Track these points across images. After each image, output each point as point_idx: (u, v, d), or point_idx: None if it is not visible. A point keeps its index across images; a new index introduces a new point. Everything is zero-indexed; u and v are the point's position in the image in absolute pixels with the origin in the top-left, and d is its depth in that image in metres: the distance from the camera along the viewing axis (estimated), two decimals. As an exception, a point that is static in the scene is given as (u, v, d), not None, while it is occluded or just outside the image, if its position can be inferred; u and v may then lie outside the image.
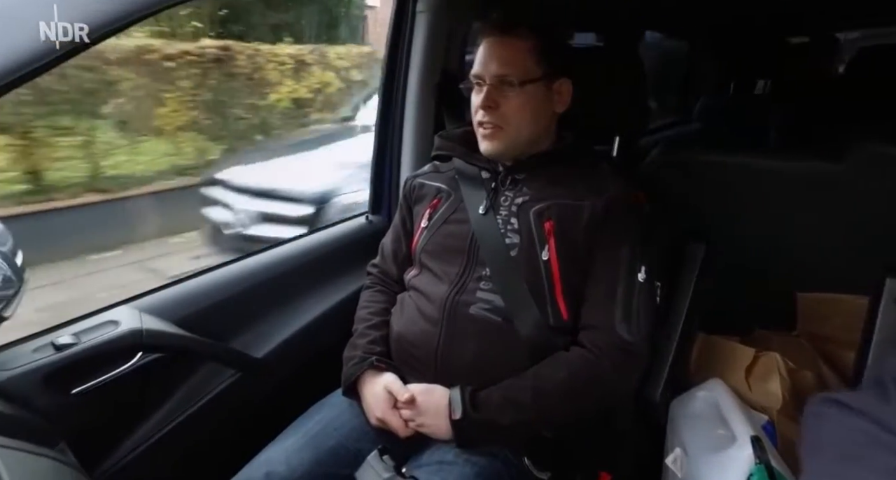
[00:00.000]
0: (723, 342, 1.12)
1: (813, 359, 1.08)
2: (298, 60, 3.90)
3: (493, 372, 0.79)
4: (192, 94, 3.33)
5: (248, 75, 3.64)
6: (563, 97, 0.88)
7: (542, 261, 0.81)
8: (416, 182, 0.98)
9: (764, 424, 0.98)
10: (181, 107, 3.26)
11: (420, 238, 0.92)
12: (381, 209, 1.31)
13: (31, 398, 0.69)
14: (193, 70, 3.26)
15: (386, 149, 1.28)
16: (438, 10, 1.17)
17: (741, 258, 1.13)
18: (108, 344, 0.76)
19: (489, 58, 0.84)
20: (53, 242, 2.48)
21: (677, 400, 1.04)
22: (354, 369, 0.85)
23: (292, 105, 3.91)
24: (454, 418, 0.75)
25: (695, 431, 0.98)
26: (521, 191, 0.87)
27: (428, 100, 1.23)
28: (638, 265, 0.80)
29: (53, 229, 2.62)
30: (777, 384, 1.00)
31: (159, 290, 0.92)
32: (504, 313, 0.81)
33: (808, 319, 1.14)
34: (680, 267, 1.10)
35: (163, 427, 0.86)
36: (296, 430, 0.83)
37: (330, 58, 4.04)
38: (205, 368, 0.93)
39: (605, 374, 0.77)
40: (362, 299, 0.97)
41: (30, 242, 1.67)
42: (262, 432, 0.84)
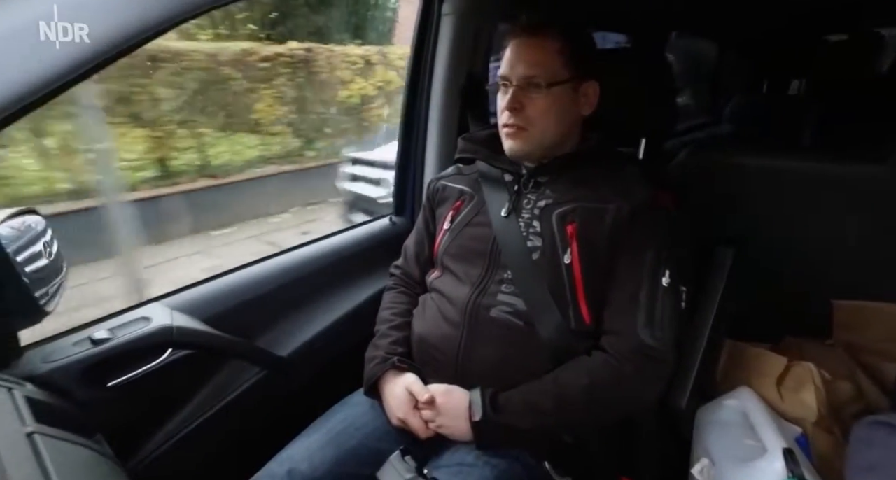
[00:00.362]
0: (752, 349, 1.09)
1: (851, 370, 1.04)
2: (366, 60, 4.31)
3: (513, 375, 0.78)
4: (282, 92, 3.78)
5: (327, 74, 4.09)
6: (589, 100, 0.87)
7: (565, 265, 0.80)
8: (439, 184, 0.99)
9: (797, 437, 0.94)
10: (274, 103, 3.71)
11: (442, 240, 0.92)
12: (405, 211, 1.32)
13: (70, 389, 0.71)
14: (284, 70, 3.67)
15: (410, 151, 1.29)
16: (464, 12, 1.17)
17: (773, 263, 1.09)
18: (140, 339, 0.79)
19: (517, 59, 0.84)
20: (180, 220, 3.02)
21: (704, 407, 1.02)
22: (376, 369, 0.86)
23: (360, 100, 4.35)
24: (474, 420, 0.75)
25: (722, 440, 0.95)
26: (543, 194, 0.86)
27: (452, 103, 1.23)
28: (662, 269, 0.79)
29: (179, 209, 3.15)
30: (812, 395, 0.96)
31: (189, 289, 0.95)
32: (525, 316, 0.80)
33: (845, 328, 1.10)
34: (708, 272, 1.08)
35: (191, 422, 0.89)
36: (318, 428, 0.84)
37: (391, 58, 4.40)
38: (231, 365, 0.95)
39: (627, 380, 0.76)
40: (385, 300, 0.98)
41: (164, 220, 1.79)
42: (285, 429, 0.85)
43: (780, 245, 1.10)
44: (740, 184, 1.13)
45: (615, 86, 0.89)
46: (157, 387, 0.83)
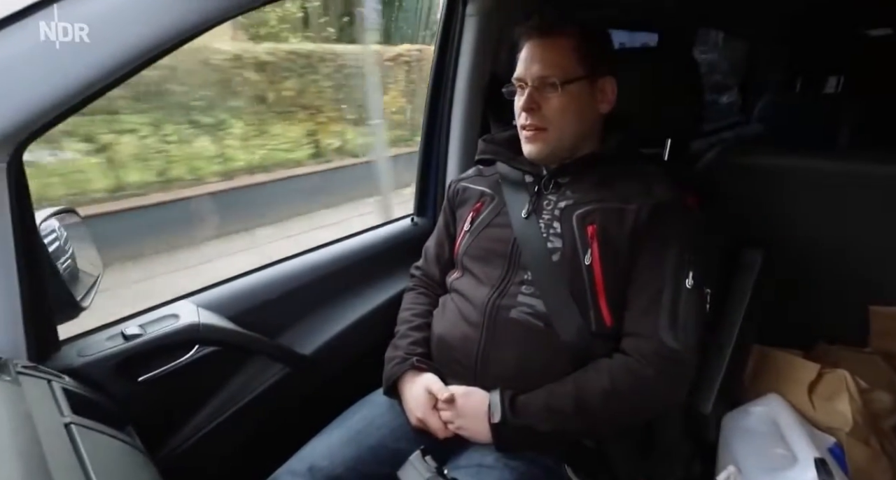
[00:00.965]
0: (783, 355, 1.06)
1: (889, 379, 1.00)
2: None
3: (533, 376, 0.78)
4: (401, 86, 4.20)
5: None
6: (607, 96, 0.86)
7: (585, 266, 0.79)
8: (459, 186, 0.99)
9: (831, 446, 0.91)
10: (397, 95, 4.14)
11: (462, 241, 0.92)
12: (427, 211, 1.33)
13: (104, 383, 0.74)
14: (403, 68, 4.09)
15: (432, 151, 1.30)
16: (488, 13, 1.17)
17: (805, 266, 1.06)
18: (169, 336, 0.81)
19: (531, 60, 0.83)
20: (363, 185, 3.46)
21: (730, 414, 0.99)
22: (396, 369, 0.86)
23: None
24: (493, 421, 0.75)
25: (750, 449, 0.92)
26: (564, 195, 0.85)
27: (475, 104, 1.23)
28: (686, 270, 0.77)
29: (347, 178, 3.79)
30: (846, 404, 0.93)
31: (216, 287, 0.98)
32: (545, 318, 0.80)
33: (882, 335, 1.05)
34: (735, 274, 1.05)
35: (216, 418, 0.91)
36: (339, 427, 0.85)
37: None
38: (255, 362, 0.97)
39: (648, 383, 0.74)
40: (405, 301, 0.99)
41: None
42: (307, 427, 0.87)
43: (813, 247, 1.07)
44: (772, 186, 1.09)
45: (639, 85, 0.88)
46: (184, 383, 0.85)
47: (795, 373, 1.01)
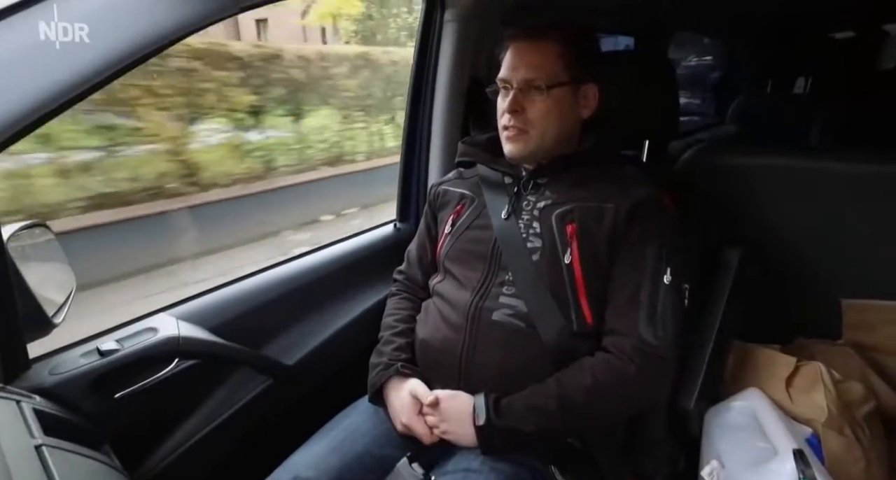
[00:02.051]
0: (761, 350, 1.08)
1: (861, 369, 1.03)
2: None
3: (517, 377, 0.78)
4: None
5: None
6: (588, 102, 0.87)
7: (565, 265, 0.80)
8: (440, 189, 0.99)
9: (808, 437, 0.93)
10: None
11: (444, 244, 0.93)
12: (409, 216, 1.32)
13: (78, 401, 0.72)
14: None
15: (414, 156, 1.30)
16: (466, 18, 1.18)
17: (781, 263, 1.09)
18: (147, 350, 0.79)
19: (517, 62, 0.84)
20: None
21: (712, 409, 1.01)
22: (380, 375, 0.86)
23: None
24: (478, 424, 0.75)
25: (732, 443, 0.94)
26: (543, 195, 0.86)
27: (456, 108, 1.24)
28: (663, 267, 0.79)
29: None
30: (822, 395, 0.95)
31: (195, 298, 0.96)
32: (527, 318, 0.80)
33: (854, 327, 1.09)
34: (715, 272, 1.07)
35: (198, 432, 0.89)
36: (323, 436, 0.84)
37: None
38: (238, 374, 0.96)
39: (630, 379, 0.75)
40: (388, 306, 0.98)
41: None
42: (292, 437, 0.86)
43: (788, 245, 1.09)
44: (746, 184, 1.12)
45: (617, 87, 0.90)
46: (163, 398, 0.84)
47: (774, 368, 1.03)
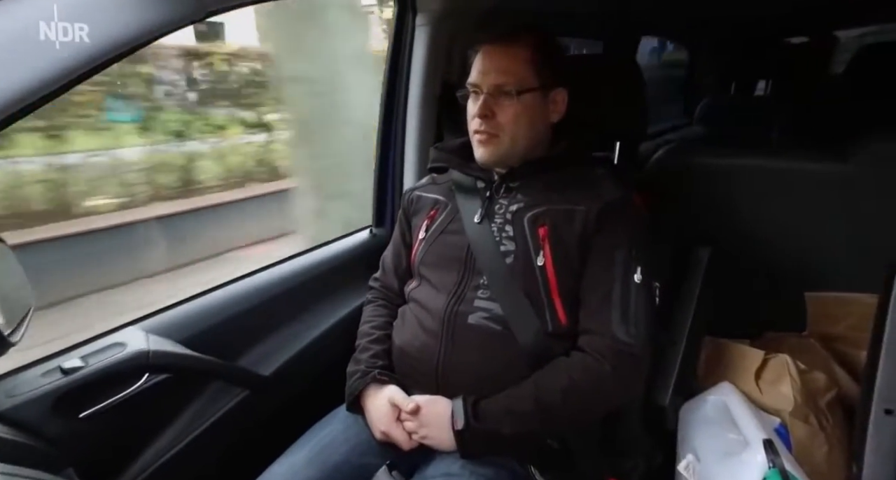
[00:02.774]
0: (732, 345, 1.11)
1: (824, 360, 1.07)
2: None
3: (494, 381, 0.79)
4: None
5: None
6: (558, 106, 0.89)
7: (538, 267, 0.81)
8: (413, 194, 0.99)
9: (776, 427, 0.97)
10: None
11: (418, 250, 0.93)
12: (385, 222, 1.32)
13: (39, 424, 0.69)
14: None
15: (388, 162, 1.29)
16: (438, 23, 1.18)
17: (749, 260, 1.12)
18: (114, 366, 0.76)
19: (487, 67, 0.85)
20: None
21: (687, 404, 1.03)
22: (357, 383, 0.85)
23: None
24: (456, 428, 0.75)
25: (706, 436, 0.97)
26: (515, 199, 0.87)
27: (429, 113, 1.24)
28: (634, 266, 0.80)
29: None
30: (788, 386, 0.99)
31: (166, 310, 0.93)
32: (503, 321, 0.81)
33: (817, 320, 1.13)
34: (685, 270, 1.10)
35: (170, 449, 0.86)
36: (301, 447, 0.83)
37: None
38: (212, 387, 0.93)
39: (605, 378, 0.76)
40: (364, 314, 0.98)
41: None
42: (269, 449, 0.84)
43: (754, 242, 1.13)
44: (713, 184, 1.16)
45: (587, 91, 0.91)
46: (133, 415, 0.81)
47: (743, 361, 1.06)
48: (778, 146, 1.80)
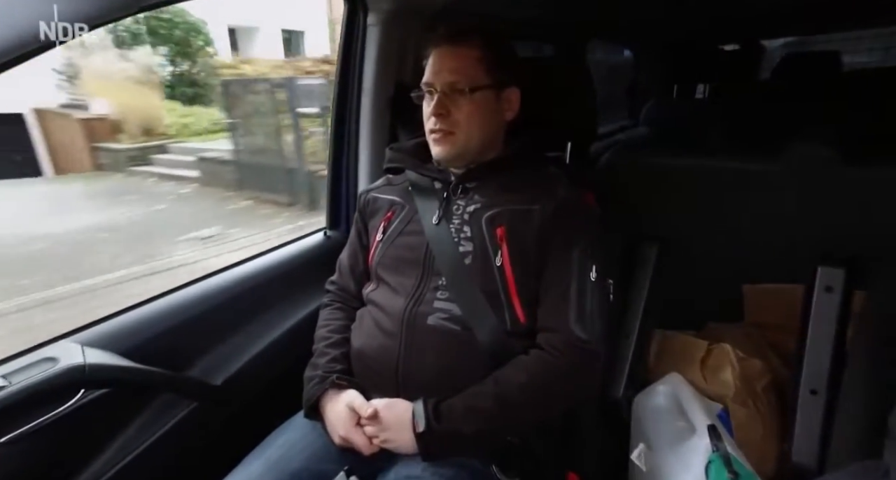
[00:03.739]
0: (679, 337, 1.17)
1: (761, 347, 1.14)
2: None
3: (455, 381, 0.79)
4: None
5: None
6: (511, 105, 0.90)
7: (496, 267, 0.82)
8: (369, 196, 0.98)
9: (719, 412, 1.02)
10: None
11: (376, 252, 0.92)
12: (339, 224, 1.29)
13: None
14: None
15: (342, 163, 1.27)
16: (389, 22, 1.17)
17: (692, 255, 1.18)
18: (44, 383, 0.70)
19: (440, 67, 0.86)
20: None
21: (639, 396, 1.08)
22: (315, 389, 0.83)
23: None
24: (418, 431, 0.75)
25: (657, 425, 1.01)
26: (472, 199, 0.88)
27: (382, 113, 1.23)
28: (589, 264, 0.82)
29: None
30: (729, 373, 1.05)
31: (105, 321, 0.87)
32: (462, 321, 0.81)
33: (753, 309, 1.20)
34: (635, 267, 1.14)
35: (110, 468, 0.81)
36: (257, 456, 0.80)
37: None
38: (158, 400, 0.89)
39: (563, 374, 0.78)
40: (321, 317, 0.96)
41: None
42: (223, 460, 0.80)
43: (697, 237, 1.19)
44: (658, 182, 1.21)
45: (539, 92, 0.93)
46: (66, 435, 0.75)
47: (690, 352, 1.12)
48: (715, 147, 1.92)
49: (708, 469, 0.87)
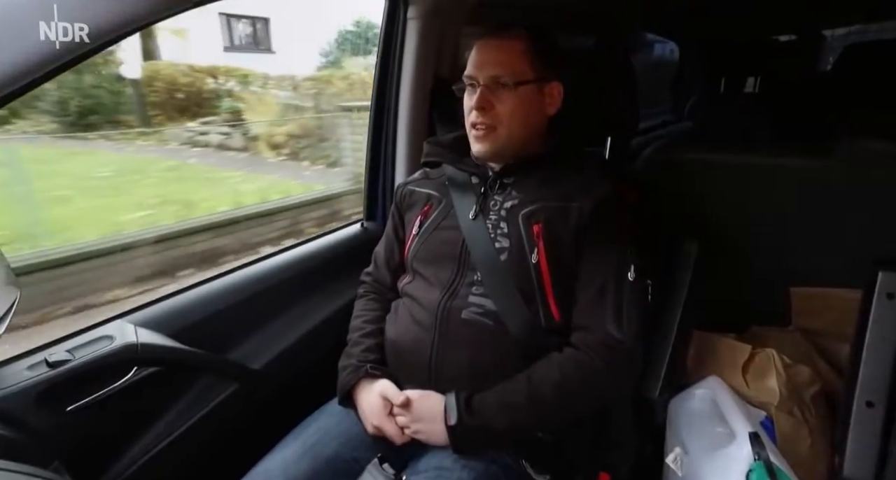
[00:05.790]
0: (719, 339, 1.13)
1: (808, 354, 1.09)
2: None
3: (486, 375, 0.79)
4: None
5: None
6: (553, 100, 0.88)
7: (532, 264, 0.81)
8: (406, 189, 0.99)
9: (762, 420, 0.99)
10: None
11: (412, 245, 0.92)
12: (376, 216, 1.31)
13: (24, 417, 0.68)
14: None
15: (380, 155, 1.29)
16: (429, 15, 1.17)
17: (735, 255, 1.14)
18: (102, 359, 0.76)
19: (484, 59, 0.85)
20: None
21: (676, 398, 1.05)
22: (349, 378, 0.85)
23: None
24: (449, 424, 0.75)
25: (694, 429, 0.98)
26: (510, 195, 0.87)
27: (421, 106, 1.23)
28: (628, 264, 0.81)
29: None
30: (774, 380, 1.01)
31: (155, 303, 0.92)
32: (496, 317, 0.81)
33: (801, 314, 1.15)
34: (674, 265, 1.11)
35: (160, 442, 0.86)
36: (293, 440, 0.83)
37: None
38: (202, 381, 0.93)
39: (597, 374, 0.77)
40: (356, 308, 0.97)
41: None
42: (260, 443, 0.84)
43: (741, 236, 1.15)
44: (703, 179, 1.17)
45: (580, 86, 0.91)
46: (121, 409, 0.80)
47: (731, 355, 1.08)
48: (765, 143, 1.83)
49: (749, 478, 0.84)
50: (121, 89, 5.51)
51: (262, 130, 6.24)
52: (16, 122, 4.49)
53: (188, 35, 6.55)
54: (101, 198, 4.09)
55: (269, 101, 6.77)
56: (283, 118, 6.45)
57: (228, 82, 6.48)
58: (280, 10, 8.22)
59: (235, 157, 5.86)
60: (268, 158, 5.94)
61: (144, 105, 5.70)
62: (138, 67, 5.73)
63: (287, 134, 6.13)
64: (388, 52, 1.22)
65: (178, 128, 5.91)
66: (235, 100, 6.39)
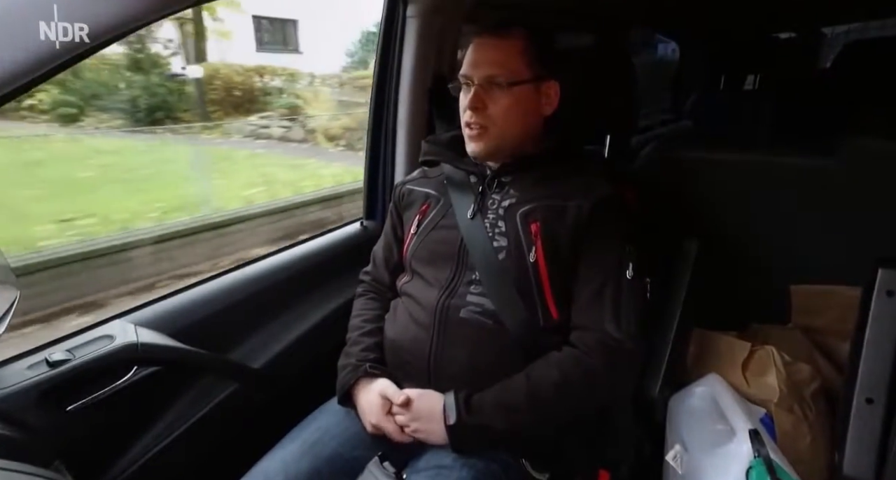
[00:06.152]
0: (719, 337, 1.13)
1: (808, 351, 1.09)
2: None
3: (486, 375, 0.79)
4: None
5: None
6: (550, 99, 0.88)
7: (530, 263, 0.81)
8: (405, 188, 0.98)
9: (762, 417, 0.99)
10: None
11: (410, 244, 0.92)
12: (376, 215, 1.31)
13: (24, 416, 0.68)
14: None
15: (379, 154, 1.28)
16: (429, 13, 1.17)
17: (736, 253, 1.14)
18: (102, 359, 0.76)
19: (479, 59, 0.84)
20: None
21: (676, 396, 1.05)
22: (349, 377, 0.85)
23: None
24: (449, 423, 0.75)
25: (694, 427, 0.98)
26: (507, 194, 0.87)
27: (420, 105, 1.23)
28: (625, 263, 0.81)
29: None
30: (774, 377, 1.00)
31: (155, 303, 0.92)
32: (494, 316, 0.81)
33: (801, 312, 1.15)
34: (674, 263, 1.11)
35: (160, 441, 0.86)
36: (293, 439, 0.83)
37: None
38: (202, 380, 0.93)
39: (596, 373, 0.77)
40: (355, 307, 0.97)
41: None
42: (260, 442, 0.84)
43: (741, 235, 1.15)
44: (702, 178, 1.17)
45: (579, 84, 0.91)
46: (121, 408, 0.80)
47: (731, 353, 1.08)
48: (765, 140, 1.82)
49: (748, 475, 0.84)
50: (181, 88, 6.08)
51: (319, 123, 6.81)
52: (84, 119, 5.13)
53: (232, 36, 6.99)
54: (215, 180, 4.84)
55: (324, 97, 7.29)
56: (338, 113, 6.97)
57: (273, 80, 6.97)
58: (304, 12, 8.41)
59: (298, 148, 6.52)
60: (327, 149, 6.56)
61: (205, 102, 6.22)
62: (200, 67, 6.34)
63: (342, 127, 6.64)
64: (387, 51, 1.22)
65: (240, 122, 6.48)
66: (291, 97, 6.94)
